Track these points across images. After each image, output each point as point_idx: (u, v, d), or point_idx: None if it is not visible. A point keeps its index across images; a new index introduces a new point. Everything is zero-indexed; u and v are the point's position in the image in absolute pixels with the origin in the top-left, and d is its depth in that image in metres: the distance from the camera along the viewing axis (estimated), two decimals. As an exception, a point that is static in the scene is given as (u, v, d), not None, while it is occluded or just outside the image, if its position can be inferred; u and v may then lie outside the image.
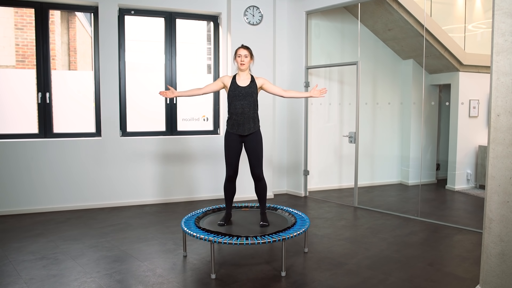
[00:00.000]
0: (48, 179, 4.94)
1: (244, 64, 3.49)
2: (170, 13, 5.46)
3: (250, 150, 3.51)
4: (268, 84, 3.59)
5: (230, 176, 3.56)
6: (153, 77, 5.57)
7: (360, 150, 5.51)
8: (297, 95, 3.69)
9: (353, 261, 3.39)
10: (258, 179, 3.55)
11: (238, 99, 3.47)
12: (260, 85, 3.56)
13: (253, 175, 3.55)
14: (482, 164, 5.95)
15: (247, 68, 3.55)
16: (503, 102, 2.34)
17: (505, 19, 2.31)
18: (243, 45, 3.56)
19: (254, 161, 3.51)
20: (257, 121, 3.55)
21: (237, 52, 3.53)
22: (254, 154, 3.50)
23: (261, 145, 3.53)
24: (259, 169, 3.52)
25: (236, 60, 3.54)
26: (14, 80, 5.01)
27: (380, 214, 4.90)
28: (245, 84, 3.50)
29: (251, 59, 3.55)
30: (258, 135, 3.53)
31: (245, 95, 3.47)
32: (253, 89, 3.50)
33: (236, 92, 3.47)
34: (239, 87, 3.48)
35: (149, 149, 5.33)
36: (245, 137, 3.51)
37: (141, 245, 3.76)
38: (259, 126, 3.57)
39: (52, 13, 6.48)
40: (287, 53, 5.98)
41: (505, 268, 2.37)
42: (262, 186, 3.58)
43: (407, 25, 5.72)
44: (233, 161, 3.53)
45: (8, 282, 2.96)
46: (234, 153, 3.52)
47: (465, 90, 5.94)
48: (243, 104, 3.46)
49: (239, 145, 3.54)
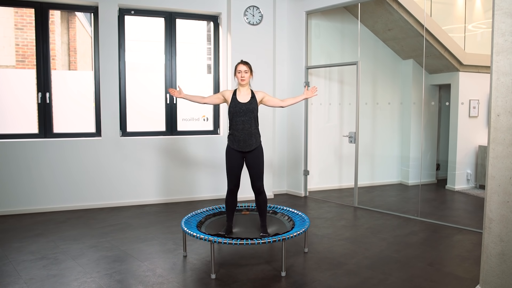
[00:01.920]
0: (48, 179, 4.94)
1: (245, 79, 3.51)
2: (170, 13, 5.46)
3: (251, 165, 3.53)
4: (268, 97, 3.61)
5: (232, 189, 3.57)
6: (153, 77, 5.57)
7: (360, 150, 5.51)
8: (293, 101, 3.68)
9: (353, 261, 3.39)
10: (259, 192, 3.56)
11: (239, 115, 3.48)
12: (260, 99, 3.58)
13: (254, 188, 3.56)
14: (482, 164, 5.95)
15: (247, 84, 3.57)
16: (503, 102, 2.34)
17: (505, 19, 2.31)
18: (242, 60, 3.58)
19: (255, 176, 3.53)
20: (258, 137, 3.55)
21: (237, 68, 3.54)
22: (255, 170, 3.52)
23: (262, 160, 3.55)
24: (260, 182, 3.54)
25: (236, 76, 3.55)
26: (14, 80, 5.01)
27: (380, 214, 4.90)
28: (245, 100, 3.51)
29: (250, 74, 3.56)
30: (259, 151, 3.55)
31: (246, 111, 3.48)
32: (253, 105, 3.51)
33: (236, 109, 3.48)
34: (239, 104, 3.49)
35: (149, 149, 5.33)
36: (246, 153, 3.52)
37: (141, 245, 3.77)
38: (260, 141, 3.59)
39: (52, 13, 6.48)
40: (287, 53, 5.98)
41: (505, 268, 2.37)
42: (263, 199, 3.59)
43: (407, 25, 5.72)
44: (234, 176, 3.55)
45: (8, 282, 2.96)
46: (235, 168, 3.54)
47: (465, 90, 5.94)
48: (244, 120, 3.47)
49: (241, 161, 3.56)
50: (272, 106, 3.66)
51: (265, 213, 3.62)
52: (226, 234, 3.49)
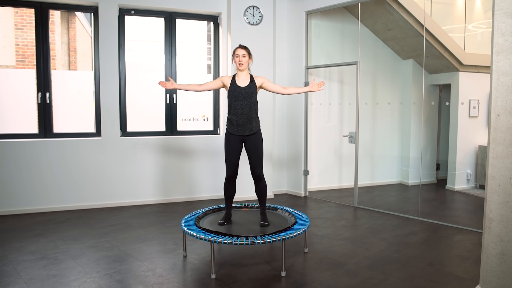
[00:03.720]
0: (48, 179, 4.94)
1: (243, 64, 3.49)
2: (170, 13, 5.46)
3: (250, 150, 3.51)
4: (268, 83, 3.58)
5: (230, 176, 3.56)
6: (153, 77, 5.56)
7: (360, 150, 5.51)
8: (296, 91, 3.65)
9: (353, 261, 3.39)
10: (258, 179, 3.55)
11: (238, 100, 3.46)
12: (259, 84, 3.55)
13: (253, 175, 3.55)
14: (482, 164, 5.95)
15: (246, 68, 3.55)
16: (503, 102, 2.34)
17: (505, 19, 2.31)
18: (240, 45, 3.56)
19: (255, 161, 3.51)
20: (257, 121, 3.54)
21: (235, 52, 3.53)
22: (255, 154, 3.50)
23: (261, 145, 3.53)
24: (260, 169, 3.53)
25: (234, 61, 3.54)
26: (14, 80, 5.01)
27: (380, 214, 4.90)
28: (244, 84, 3.50)
29: (249, 58, 3.54)
30: (259, 135, 3.53)
31: (245, 96, 3.46)
32: (252, 89, 3.49)
33: (235, 93, 3.47)
34: (238, 88, 3.48)
35: (149, 149, 5.33)
36: (245, 137, 3.50)
37: (141, 245, 3.77)
38: (259, 126, 3.57)
39: (52, 13, 6.48)
40: (287, 53, 5.97)
41: (505, 268, 2.37)
42: (263, 186, 3.58)
43: (407, 25, 5.72)
44: (233, 161, 3.53)
45: (8, 282, 2.96)
46: (234, 154, 3.52)
47: (465, 90, 5.94)
48: (243, 105, 3.46)
49: (239, 146, 3.54)
50: (273, 91, 3.62)
51: (265, 201, 3.61)
52: (225, 223, 3.48)
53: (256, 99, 3.54)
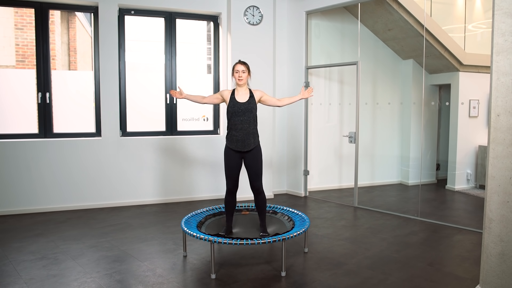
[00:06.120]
0: (48, 179, 4.94)
1: (242, 79, 3.51)
2: (170, 13, 5.46)
3: (249, 165, 3.53)
4: (265, 96, 3.61)
5: (230, 189, 3.57)
6: (153, 77, 5.57)
7: (360, 150, 5.51)
8: (290, 101, 3.67)
9: (353, 261, 3.39)
10: (258, 192, 3.56)
11: (237, 115, 3.47)
12: (258, 98, 3.57)
13: (253, 188, 3.56)
14: (482, 164, 5.95)
15: (245, 84, 3.56)
16: (503, 102, 2.34)
17: (505, 19, 2.31)
18: (240, 60, 3.59)
19: (254, 175, 3.52)
20: (256, 137, 3.55)
21: (235, 67, 3.55)
22: (254, 169, 3.52)
23: (261, 160, 3.55)
24: (259, 182, 3.54)
25: (234, 76, 3.56)
26: (14, 80, 5.01)
27: (380, 214, 4.90)
28: (244, 100, 3.51)
29: (248, 74, 3.56)
30: (258, 151, 3.54)
31: (245, 111, 3.47)
32: (252, 104, 3.50)
33: (235, 108, 3.48)
34: (238, 103, 3.49)
35: (149, 149, 5.33)
36: (244, 153, 3.52)
37: (141, 245, 3.77)
38: (259, 141, 3.59)
39: (52, 13, 6.48)
40: (287, 53, 5.97)
41: (505, 268, 2.37)
42: (262, 199, 3.59)
43: (407, 25, 5.72)
44: (233, 176, 3.54)
45: (8, 282, 2.96)
46: (234, 169, 3.53)
47: (465, 90, 5.94)
48: (243, 120, 3.47)
49: (239, 161, 3.55)
50: (270, 105, 3.67)
51: (265, 213, 3.62)
52: (226, 235, 3.49)
53: (255, 114, 3.55)
